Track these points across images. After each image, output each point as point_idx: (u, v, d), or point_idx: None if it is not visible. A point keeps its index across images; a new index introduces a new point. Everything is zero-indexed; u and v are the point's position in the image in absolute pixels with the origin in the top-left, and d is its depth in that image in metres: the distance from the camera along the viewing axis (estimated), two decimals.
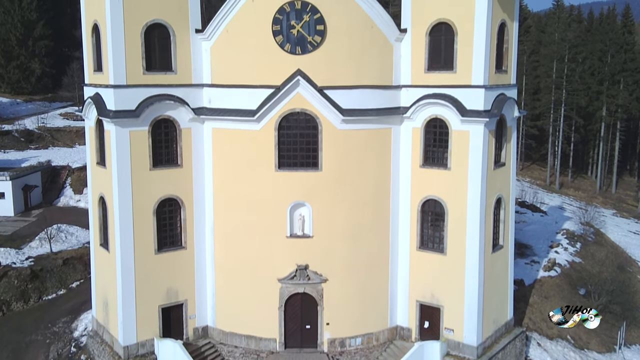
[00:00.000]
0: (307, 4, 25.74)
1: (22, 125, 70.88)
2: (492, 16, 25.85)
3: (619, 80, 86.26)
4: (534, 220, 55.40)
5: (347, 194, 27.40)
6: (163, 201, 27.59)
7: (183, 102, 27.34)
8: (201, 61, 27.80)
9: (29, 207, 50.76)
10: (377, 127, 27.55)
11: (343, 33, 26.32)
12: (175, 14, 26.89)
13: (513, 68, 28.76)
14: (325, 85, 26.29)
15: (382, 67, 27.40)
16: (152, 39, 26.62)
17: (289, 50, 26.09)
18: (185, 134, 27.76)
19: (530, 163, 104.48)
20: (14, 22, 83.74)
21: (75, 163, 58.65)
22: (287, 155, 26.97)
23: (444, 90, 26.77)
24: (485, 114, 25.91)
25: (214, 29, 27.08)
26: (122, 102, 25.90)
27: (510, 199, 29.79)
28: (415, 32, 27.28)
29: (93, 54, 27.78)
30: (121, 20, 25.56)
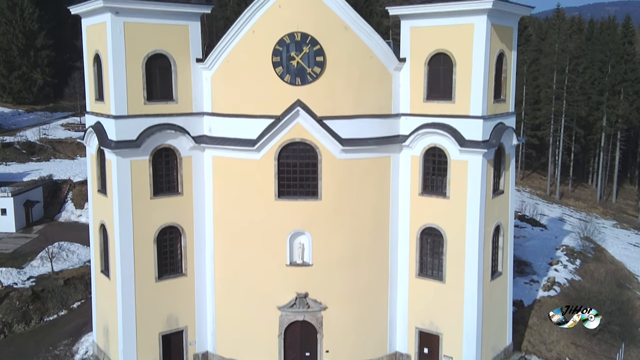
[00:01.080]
0: (307, 35, 25.94)
1: (23, 136, 71.20)
2: (490, 47, 26.02)
3: (619, 90, 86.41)
4: (534, 235, 55.49)
5: (347, 222, 27.57)
6: (164, 229, 27.77)
7: (184, 131, 27.53)
8: (202, 90, 28.01)
9: (30, 222, 51.00)
10: (376, 156, 27.72)
11: (342, 64, 26.52)
12: (176, 44, 27.10)
13: (511, 96, 28.93)
14: (324, 115, 26.48)
15: (381, 96, 27.59)
16: (153, 69, 26.81)
17: (289, 81, 26.29)
18: (186, 162, 27.95)
19: (531, 171, 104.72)
20: (15, 33, 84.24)
21: (77, 177, 58.92)
22: (287, 184, 27.15)
23: (443, 120, 26.95)
24: (483, 144, 26.09)
25: (214, 59, 27.29)
26: (123, 132, 26.11)
27: (509, 225, 29.95)
28: (414, 61, 27.47)
29: (94, 83, 28.01)
30: (122, 52, 25.77)
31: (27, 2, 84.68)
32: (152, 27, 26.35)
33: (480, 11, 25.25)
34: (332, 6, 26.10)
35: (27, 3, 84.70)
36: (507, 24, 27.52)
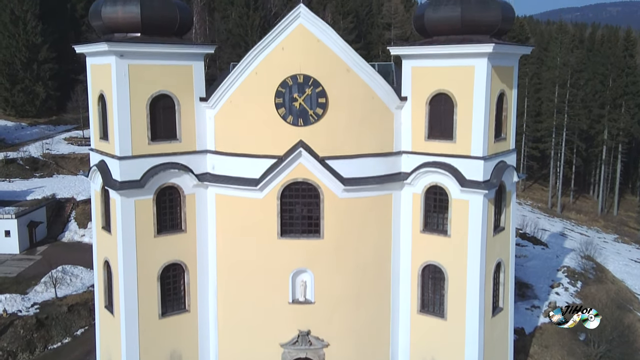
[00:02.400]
0: (309, 78, 26.20)
1: (26, 152, 71.57)
2: (490, 89, 26.25)
3: (621, 104, 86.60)
4: (535, 255, 55.68)
5: (349, 260, 27.80)
6: (167, 266, 28.02)
7: (187, 169, 27.79)
8: (205, 128, 28.27)
9: (34, 243, 51.37)
10: (378, 194, 27.95)
11: (344, 104, 26.78)
12: (180, 84, 27.37)
13: (512, 133, 29.13)
14: (326, 155, 26.73)
15: (383, 135, 27.83)
16: (157, 109, 27.06)
17: (291, 122, 26.55)
18: (189, 200, 28.21)
19: (532, 182, 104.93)
20: (18, 46, 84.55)
21: (80, 195, 59.20)
22: (289, 223, 27.41)
23: (444, 159, 27.17)
24: (484, 185, 26.31)
25: (217, 99, 27.55)
26: (128, 172, 26.37)
27: (510, 261, 30.16)
28: (415, 100, 27.71)
29: (99, 122, 28.28)
30: (127, 94, 26.03)
31: (30, 16, 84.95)
32: (157, 68, 26.63)
33: (480, 54, 25.48)
34: (335, 49, 26.37)
35: (30, 16, 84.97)
36: (507, 64, 27.75)
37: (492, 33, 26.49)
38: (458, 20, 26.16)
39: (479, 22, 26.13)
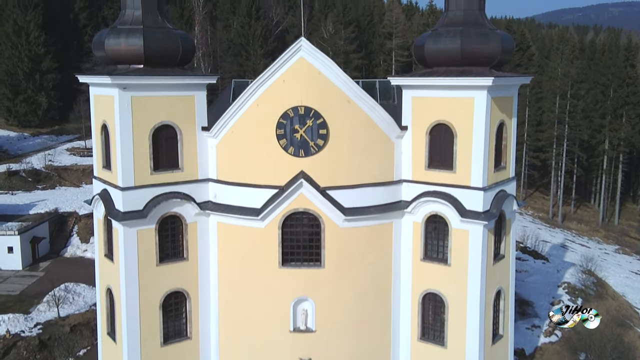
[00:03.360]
0: (310, 109, 26.44)
1: (29, 164, 71.80)
2: (490, 120, 26.46)
3: (622, 114, 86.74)
4: (536, 269, 55.75)
5: (349, 288, 28.01)
6: (169, 294, 28.24)
7: (189, 198, 28.02)
8: (207, 157, 28.50)
9: (36, 258, 51.48)
10: (378, 223, 28.16)
11: (345, 135, 27.00)
12: (182, 114, 27.61)
13: (512, 162, 29.33)
14: (327, 185, 26.95)
15: (384, 164, 28.04)
16: (160, 139, 27.30)
17: (293, 153, 26.77)
18: (191, 228, 28.44)
19: (533, 190, 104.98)
20: (21, 57, 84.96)
21: (82, 209, 59.35)
22: (291, 252, 27.62)
23: (444, 189, 27.36)
24: (484, 216, 26.49)
25: (219, 128, 27.78)
26: (130, 203, 26.61)
27: (510, 288, 30.35)
28: (415, 130, 27.92)
29: (102, 151, 28.50)
30: (130, 125, 26.29)
31: (33, 26, 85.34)
32: (159, 99, 26.89)
33: (480, 87, 25.69)
34: (335, 81, 26.62)
35: (33, 27, 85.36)
36: (507, 94, 27.95)
37: (492, 65, 26.71)
38: (458, 53, 26.37)
39: (479, 54, 26.34)
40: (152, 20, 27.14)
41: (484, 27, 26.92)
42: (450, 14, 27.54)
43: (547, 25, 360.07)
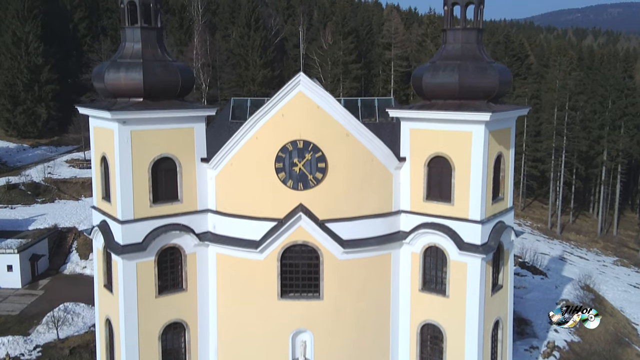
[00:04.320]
0: (309, 143, 26.55)
1: (28, 176, 71.86)
2: (488, 153, 26.58)
3: (620, 125, 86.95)
4: (534, 285, 55.86)
5: (348, 320, 28.10)
6: (168, 325, 28.32)
7: (188, 229, 28.11)
8: (206, 188, 28.60)
9: (36, 276, 51.52)
10: (377, 254, 28.26)
11: (344, 168, 27.11)
12: (182, 146, 27.71)
13: (510, 192, 29.45)
14: (326, 218, 27.06)
15: (382, 195, 28.16)
16: (159, 172, 27.38)
17: (291, 186, 26.89)
18: (190, 259, 28.53)
19: (532, 199, 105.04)
20: (20, 68, 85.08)
21: (81, 224, 59.42)
22: (290, 284, 27.73)
23: (442, 221, 27.48)
24: (482, 249, 26.61)
25: (219, 161, 27.89)
26: (130, 236, 26.70)
27: (508, 317, 30.46)
28: (414, 162, 28.04)
29: (101, 182, 28.58)
30: (129, 159, 26.37)
31: (32, 37, 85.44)
32: (159, 132, 27.00)
33: (478, 121, 25.81)
34: (334, 115, 26.72)
35: (32, 38, 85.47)
36: (505, 126, 28.09)
37: (490, 98, 26.84)
38: (456, 87, 26.51)
39: (477, 89, 26.49)
40: (152, 53, 27.26)
41: (481, 60, 27.05)
42: (448, 47, 27.67)
43: (545, 29, 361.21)
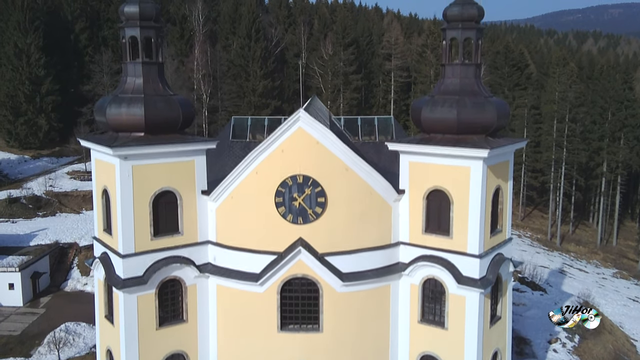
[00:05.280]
0: (309, 178, 26.78)
1: (30, 190, 72.16)
2: (486, 187, 26.78)
3: (620, 137, 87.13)
4: (534, 302, 56.03)
5: (347, 352, 28.29)
6: (169, 357, 28.51)
7: (189, 261, 28.33)
8: (207, 219, 28.82)
9: (37, 293, 51.78)
10: (376, 286, 28.46)
11: (343, 202, 27.33)
12: (183, 180, 27.92)
13: (508, 223, 29.65)
14: (326, 251, 27.28)
15: (381, 228, 28.37)
16: (160, 205, 27.59)
17: (291, 220, 27.11)
18: (191, 290, 28.74)
19: (532, 208, 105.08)
20: (22, 79, 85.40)
21: (83, 240, 59.73)
22: (289, 317, 27.94)
23: (441, 254, 27.68)
24: (480, 283, 26.80)
25: (219, 193, 28.10)
26: (131, 270, 26.91)
27: (507, 348, 30.64)
28: (413, 194, 28.25)
29: (102, 214, 28.81)
30: (130, 193, 26.58)
31: (33, 49, 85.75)
32: (160, 166, 27.21)
33: (476, 157, 26.02)
34: (333, 150, 26.94)
35: (33, 49, 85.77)
36: (503, 159, 28.29)
37: (488, 133, 27.06)
38: (454, 122, 26.72)
39: (475, 124, 26.70)
40: (153, 88, 27.50)
41: (480, 96, 27.27)
42: (447, 81, 27.89)
43: (546, 33, 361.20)
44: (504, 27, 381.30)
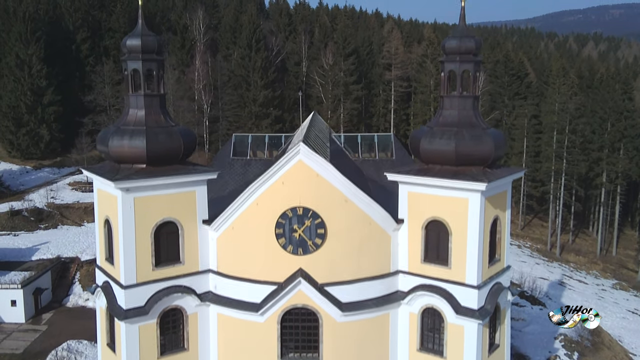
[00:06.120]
0: (309, 210, 27.07)
1: (31, 202, 72.45)
2: (484, 218, 27.06)
3: (619, 147, 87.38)
4: (533, 317, 56.18)
5: None
6: None
7: (190, 290, 28.62)
8: (208, 248, 29.10)
9: (39, 309, 52.03)
10: (375, 315, 28.73)
11: (343, 233, 27.62)
12: (184, 210, 28.20)
13: (506, 252, 29.91)
14: (325, 282, 27.57)
15: (381, 257, 28.65)
16: (161, 235, 27.88)
17: (291, 251, 27.40)
18: (192, 319, 29.01)
19: (532, 217, 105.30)
20: (23, 90, 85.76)
21: (84, 254, 59.93)
22: (289, 346, 28.23)
23: (439, 284, 27.95)
24: (479, 313, 27.06)
25: (220, 223, 28.39)
26: (132, 300, 27.20)
27: None
28: (411, 224, 28.52)
29: (105, 244, 29.10)
30: (132, 225, 26.88)
31: (35, 59, 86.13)
32: (161, 197, 27.49)
33: (474, 190, 26.30)
34: (333, 182, 27.23)
35: (35, 60, 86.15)
36: (501, 190, 28.55)
37: (486, 164, 27.33)
38: (452, 154, 27.01)
39: (473, 156, 26.98)
40: (155, 119, 27.81)
41: (477, 128, 27.55)
42: (445, 112, 28.18)
43: (546, 36, 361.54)
44: (504, 30, 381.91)
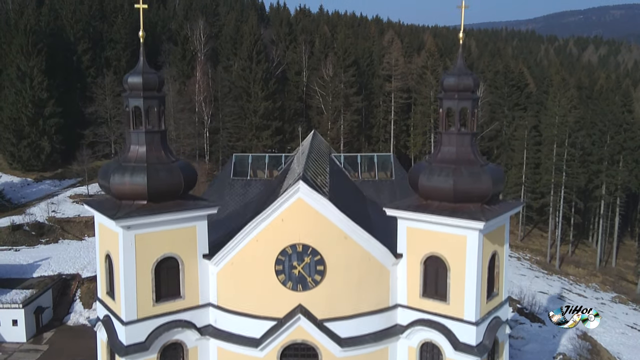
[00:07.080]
0: (308, 247, 27.30)
1: (32, 216, 72.69)
2: (482, 255, 27.27)
3: (618, 160, 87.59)
4: (532, 335, 56.34)
5: None
6: None
7: (190, 324, 28.83)
8: (208, 282, 29.32)
9: (40, 328, 52.27)
10: (375, 349, 28.93)
11: (342, 269, 27.84)
12: (184, 245, 28.43)
13: (504, 286, 30.11)
14: (324, 317, 27.78)
15: (380, 292, 28.86)
16: (162, 270, 28.10)
17: (291, 287, 27.63)
18: (192, 353, 29.22)
19: (532, 227, 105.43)
20: (25, 102, 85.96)
21: (85, 270, 60.18)
22: None
23: (438, 319, 28.15)
24: (477, 350, 27.26)
25: (220, 258, 28.62)
26: (133, 336, 27.42)
27: None
28: (410, 259, 28.74)
29: (105, 278, 29.33)
30: (133, 261, 27.11)
31: (36, 72, 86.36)
32: (162, 234, 27.71)
33: (472, 228, 26.51)
34: (332, 219, 27.45)
35: (36, 72, 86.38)
36: (499, 225, 28.75)
37: (484, 201, 27.54)
38: (450, 191, 27.22)
39: (471, 193, 27.18)
40: (156, 156, 28.04)
41: (476, 164, 27.74)
42: (444, 149, 28.39)
43: (547, 39, 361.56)
44: (504, 33, 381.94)
